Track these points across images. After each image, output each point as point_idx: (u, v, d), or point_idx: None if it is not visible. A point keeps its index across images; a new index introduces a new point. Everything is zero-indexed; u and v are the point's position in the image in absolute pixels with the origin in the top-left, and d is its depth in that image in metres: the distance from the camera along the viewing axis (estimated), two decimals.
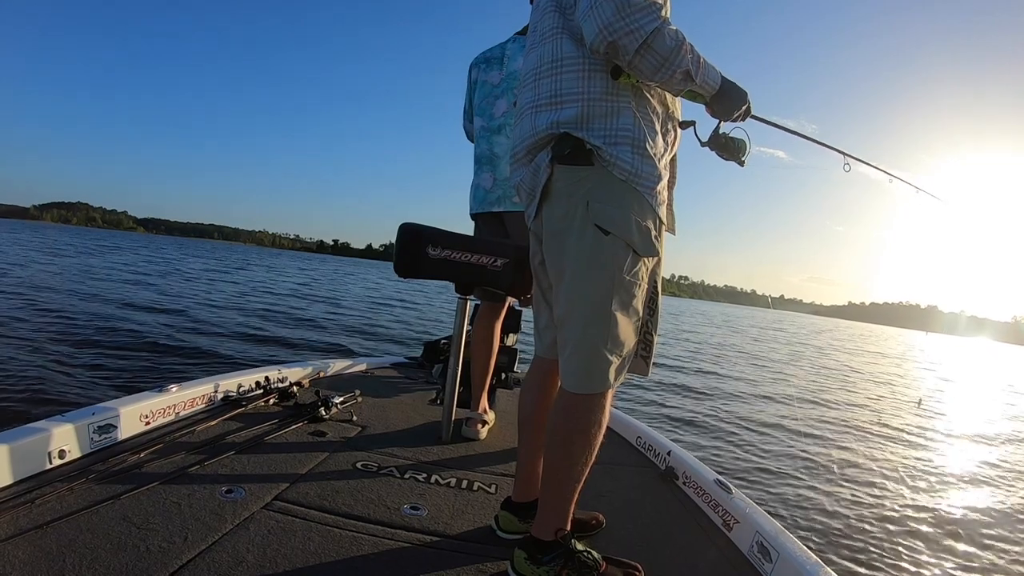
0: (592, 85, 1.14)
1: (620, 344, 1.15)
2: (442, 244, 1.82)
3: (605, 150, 1.12)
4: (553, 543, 1.17)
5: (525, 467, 1.39)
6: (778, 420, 5.96)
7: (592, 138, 1.13)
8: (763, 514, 1.50)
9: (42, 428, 1.40)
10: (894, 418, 7.26)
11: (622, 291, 1.13)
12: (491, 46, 2.22)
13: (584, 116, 1.14)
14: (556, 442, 1.18)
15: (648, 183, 1.13)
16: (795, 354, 17.15)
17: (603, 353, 1.13)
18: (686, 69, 1.07)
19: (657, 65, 1.06)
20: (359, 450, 1.80)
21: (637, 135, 1.13)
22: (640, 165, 1.13)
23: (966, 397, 12.27)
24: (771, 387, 8.74)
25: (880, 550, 2.75)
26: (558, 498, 1.19)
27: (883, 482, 4.05)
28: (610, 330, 1.13)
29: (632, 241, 1.13)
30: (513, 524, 1.36)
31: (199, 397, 1.95)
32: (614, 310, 1.13)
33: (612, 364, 1.14)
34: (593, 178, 1.14)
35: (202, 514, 1.25)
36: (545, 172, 1.19)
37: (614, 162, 1.12)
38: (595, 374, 1.14)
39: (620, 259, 1.13)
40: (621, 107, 1.14)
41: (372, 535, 1.27)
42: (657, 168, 1.15)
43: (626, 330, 1.15)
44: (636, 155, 1.12)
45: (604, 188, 1.13)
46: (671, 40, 1.04)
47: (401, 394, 2.59)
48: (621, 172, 1.12)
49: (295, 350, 7.09)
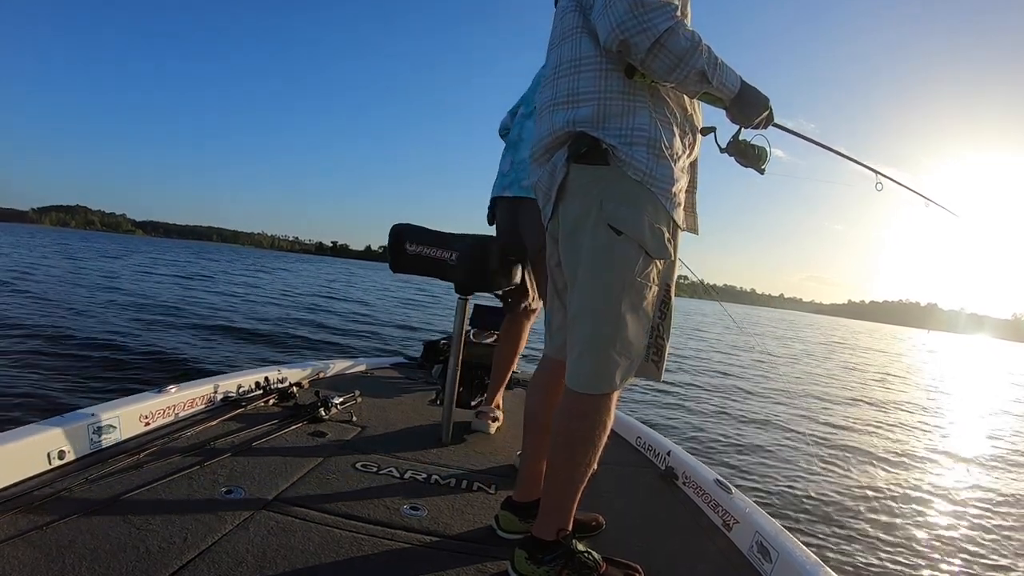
0: (609, 84, 1.13)
1: (629, 346, 1.14)
2: (416, 241, 1.96)
3: (620, 150, 1.11)
4: (554, 543, 1.16)
5: (528, 467, 1.39)
6: (779, 420, 5.96)
7: (608, 137, 1.12)
8: (763, 514, 1.50)
9: (41, 428, 1.40)
10: (905, 416, 7.24)
11: (633, 293, 1.12)
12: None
13: (600, 115, 1.13)
14: (560, 443, 1.17)
15: (663, 184, 1.12)
16: (813, 353, 17.13)
17: (611, 354, 1.12)
18: (701, 70, 1.06)
19: (671, 65, 1.05)
20: (359, 450, 1.80)
21: (653, 135, 1.12)
22: (655, 166, 1.12)
23: (981, 394, 12.18)
24: (773, 387, 8.74)
25: (881, 550, 2.75)
26: (560, 498, 1.19)
27: (884, 481, 4.05)
28: (619, 331, 1.12)
29: (644, 242, 1.12)
30: (514, 524, 1.36)
31: (198, 398, 1.95)
32: (624, 311, 1.12)
33: (620, 366, 1.13)
34: (608, 178, 1.13)
35: (202, 515, 1.25)
36: (561, 171, 1.18)
37: (629, 162, 1.11)
38: (602, 375, 1.13)
39: (631, 260, 1.12)
40: (637, 107, 1.13)
41: (372, 535, 1.27)
42: (673, 169, 1.14)
43: (635, 332, 1.14)
44: (652, 156, 1.11)
45: (618, 188, 1.12)
46: (685, 40, 1.03)
47: (401, 394, 2.59)
48: (636, 172, 1.11)
49: (295, 350, 7.09)
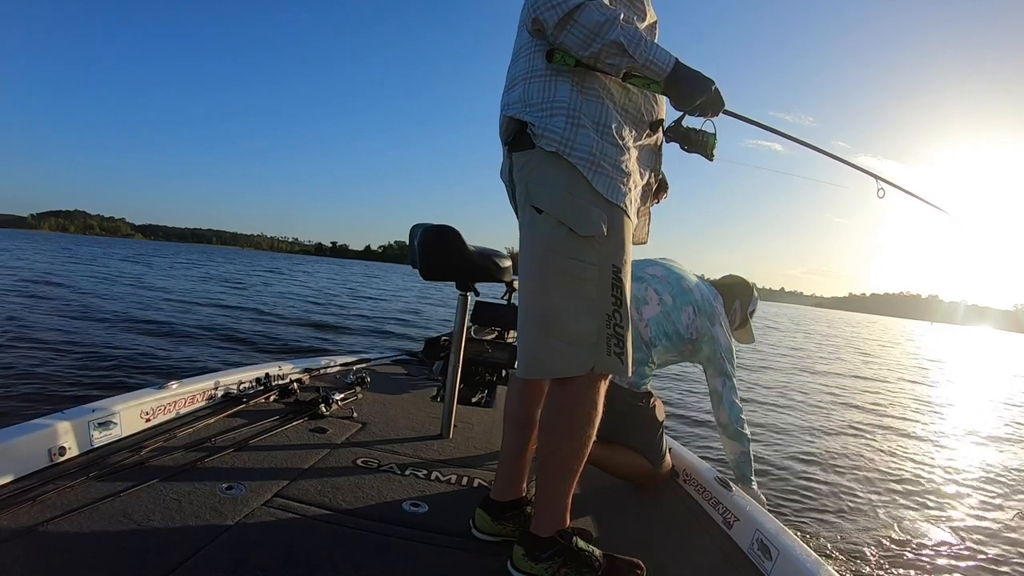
0: (534, 65, 1.12)
1: (568, 330, 1.08)
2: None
3: (539, 124, 1.08)
4: (551, 540, 1.14)
5: (504, 464, 1.35)
6: (778, 419, 5.96)
7: (530, 115, 1.10)
8: (764, 512, 1.50)
9: (42, 425, 1.40)
10: (910, 413, 7.22)
11: (561, 274, 1.08)
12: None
13: (525, 95, 1.11)
14: (544, 438, 1.16)
15: (581, 153, 1.07)
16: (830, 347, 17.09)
17: (546, 339, 1.09)
18: (617, 41, 1.02)
19: (584, 38, 1.03)
20: (359, 447, 1.80)
21: (573, 104, 1.08)
22: (573, 135, 1.07)
23: (985, 387, 12.16)
24: (774, 383, 8.74)
25: (881, 550, 2.75)
26: (551, 495, 1.16)
27: (886, 481, 4.04)
28: (551, 315, 1.09)
29: (564, 217, 1.07)
30: (487, 524, 1.31)
31: (199, 394, 1.95)
32: (553, 294, 1.08)
33: (559, 352, 1.09)
34: (534, 159, 1.11)
35: (203, 511, 1.25)
36: (506, 163, 1.20)
37: (543, 134, 1.07)
38: (540, 360, 1.11)
39: (555, 238, 1.08)
40: (559, 80, 1.10)
41: (373, 532, 1.28)
42: (595, 139, 1.08)
43: (574, 317, 1.08)
44: (570, 125, 1.07)
45: (538, 166, 1.10)
46: (599, 14, 1.02)
47: (402, 391, 2.59)
48: (550, 143, 1.07)
49: (295, 347, 7.10)
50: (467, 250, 1.85)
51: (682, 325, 1.84)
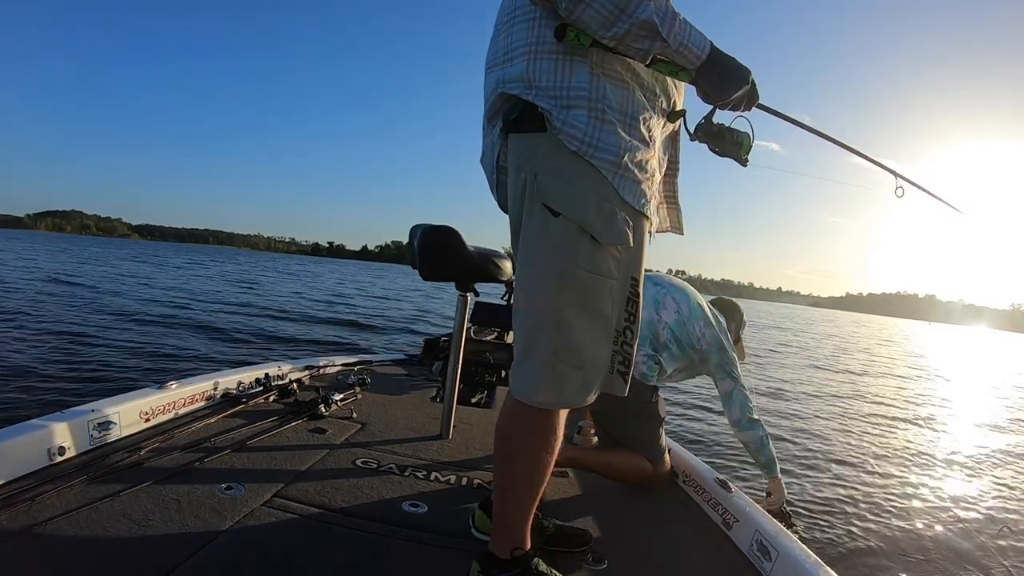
0: (541, 35, 0.94)
1: (578, 354, 0.95)
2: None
3: (555, 114, 0.92)
4: (509, 561, 1.05)
5: None
6: (779, 419, 5.96)
7: (540, 100, 0.93)
8: (763, 513, 1.50)
9: (41, 425, 1.39)
10: (910, 413, 7.22)
11: (577, 287, 0.94)
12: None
13: (531, 72, 0.93)
14: (499, 455, 1.05)
15: (606, 154, 0.92)
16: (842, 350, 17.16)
17: (553, 363, 0.95)
18: (650, 21, 0.85)
19: (608, 16, 0.84)
20: (359, 447, 1.80)
21: (595, 94, 0.92)
22: (597, 132, 0.92)
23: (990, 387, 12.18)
24: (776, 383, 8.74)
25: (881, 549, 2.75)
26: (507, 515, 1.06)
27: (887, 480, 4.04)
28: (560, 335, 0.94)
29: (587, 223, 0.93)
30: (487, 524, 1.29)
31: (199, 394, 1.94)
32: (565, 311, 0.94)
33: (566, 378, 0.96)
34: (544, 146, 0.94)
35: (201, 511, 1.25)
36: (499, 143, 1.03)
37: (563, 128, 0.92)
38: (541, 386, 0.96)
39: (573, 246, 0.93)
40: (575, 62, 0.93)
41: (372, 532, 1.27)
42: (621, 136, 0.94)
43: (587, 337, 0.96)
44: (593, 120, 0.92)
45: (554, 159, 0.94)
46: None
47: (401, 391, 2.59)
48: (572, 140, 0.92)
49: (296, 347, 7.09)
50: (467, 250, 1.85)
51: (694, 336, 1.93)
